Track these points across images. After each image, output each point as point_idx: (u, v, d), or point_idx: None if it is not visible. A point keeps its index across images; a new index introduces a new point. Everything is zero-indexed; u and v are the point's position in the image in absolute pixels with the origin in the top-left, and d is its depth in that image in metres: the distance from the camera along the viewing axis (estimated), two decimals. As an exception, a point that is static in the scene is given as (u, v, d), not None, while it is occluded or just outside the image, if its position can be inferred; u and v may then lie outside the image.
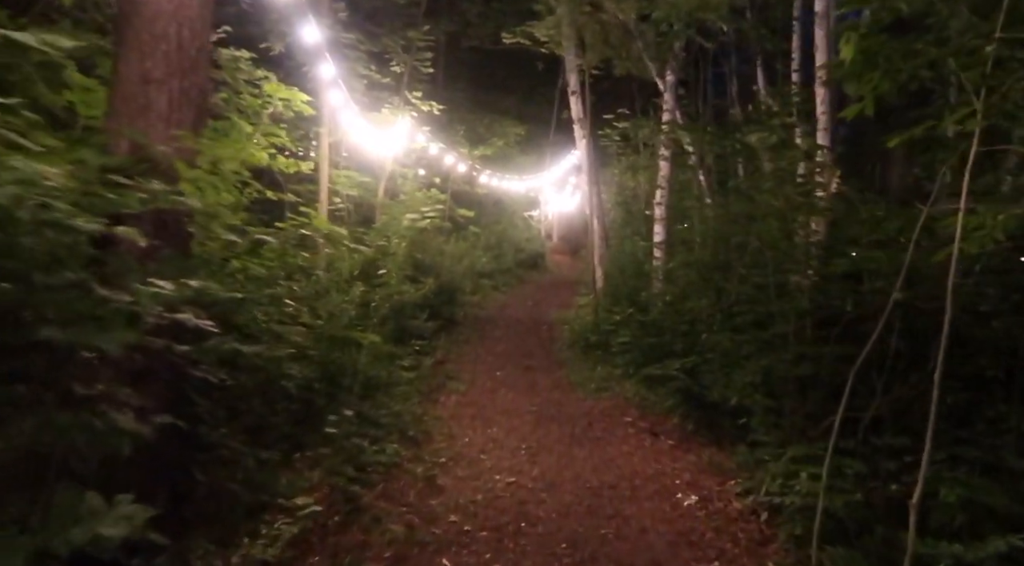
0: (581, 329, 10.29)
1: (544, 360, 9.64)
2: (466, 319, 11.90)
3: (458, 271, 12.81)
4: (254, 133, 6.17)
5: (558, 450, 5.99)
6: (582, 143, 13.21)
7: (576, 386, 8.25)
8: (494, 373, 8.81)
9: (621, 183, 17.52)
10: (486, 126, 16.45)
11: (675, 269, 8.83)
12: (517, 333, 11.52)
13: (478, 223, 16.41)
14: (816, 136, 6.33)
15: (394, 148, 10.45)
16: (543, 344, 10.69)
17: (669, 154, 11.40)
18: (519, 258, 18.76)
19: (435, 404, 7.16)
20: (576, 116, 13.20)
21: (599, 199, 13.10)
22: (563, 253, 27.97)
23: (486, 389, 8.04)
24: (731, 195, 7.06)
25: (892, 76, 2.99)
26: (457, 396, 7.62)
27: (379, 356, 5.81)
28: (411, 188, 10.21)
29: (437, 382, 8.00)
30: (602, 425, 6.76)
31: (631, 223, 15.18)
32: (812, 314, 4.96)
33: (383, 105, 10.55)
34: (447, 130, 14.80)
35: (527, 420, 6.85)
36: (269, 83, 5.76)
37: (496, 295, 15.18)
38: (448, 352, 9.53)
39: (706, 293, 7.20)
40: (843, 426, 4.87)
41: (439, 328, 10.14)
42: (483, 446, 6.02)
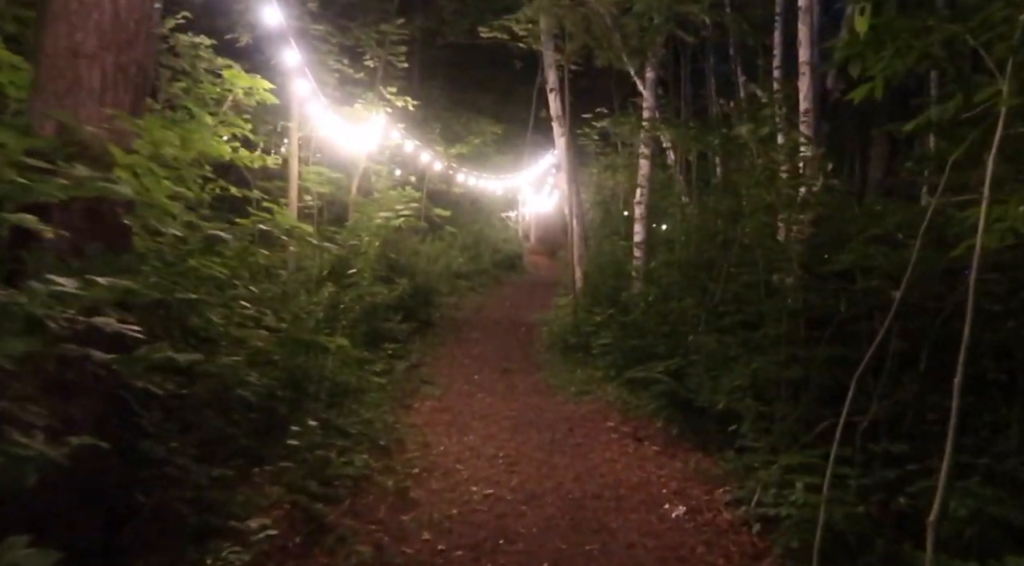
0: (560, 330, 9.98)
1: (523, 362, 9.32)
2: (442, 321, 11.54)
3: (434, 272, 12.46)
4: (215, 124, 5.78)
5: (538, 458, 5.66)
6: (561, 141, 12.92)
7: (556, 389, 7.94)
8: (471, 376, 8.47)
9: (600, 182, 17.29)
10: (463, 124, 16.09)
11: (656, 268, 8.57)
12: (495, 335, 11.19)
13: (455, 223, 16.05)
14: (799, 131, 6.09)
15: (368, 145, 10.08)
16: (521, 346, 10.37)
17: (649, 152, 11.17)
18: (496, 258, 18.43)
19: (409, 410, 6.80)
20: (555, 114, 12.92)
21: (578, 198, 12.80)
22: (541, 254, 27.68)
23: (463, 393, 7.70)
24: (715, 192, 6.79)
25: (904, 55, 2.71)
26: (432, 401, 7.27)
27: (348, 361, 5.45)
28: (385, 186, 9.84)
29: (411, 387, 7.64)
30: (583, 431, 6.45)
31: (610, 223, 14.96)
32: (804, 314, 4.70)
33: (356, 101, 10.17)
34: (423, 128, 14.43)
35: (505, 426, 6.52)
36: (230, 70, 5.36)
37: (473, 296, 14.83)
38: (423, 355, 9.18)
39: (690, 293, 6.93)
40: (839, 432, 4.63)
41: (414, 330, 9.79)
42: (459, 455, 5.68)
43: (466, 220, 17.83)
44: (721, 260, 6.66)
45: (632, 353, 7.49)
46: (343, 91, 10.50)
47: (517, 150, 21.58)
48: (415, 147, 11.54)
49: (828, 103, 8.84)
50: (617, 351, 7.79)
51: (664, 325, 7.31)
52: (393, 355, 7.96)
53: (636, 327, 7.87)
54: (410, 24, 13.13)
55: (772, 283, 4.93)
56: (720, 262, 6.66)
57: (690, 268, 7.00)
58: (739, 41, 12.10)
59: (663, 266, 8.19)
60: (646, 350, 7.32)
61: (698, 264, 6.99)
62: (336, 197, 10.38)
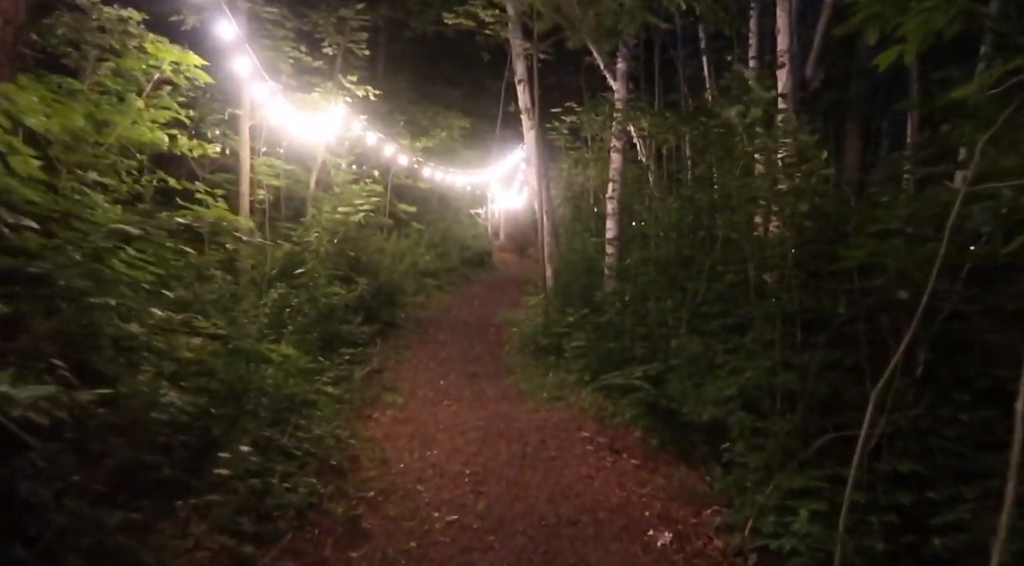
0: (531, 331, 9.44)
1: (491, 366, 8.76)
2: (408, 322, 10.92)
3: (399, 270, 11.84)
4: (146, 106, 5.12)
5: (508, 475, 5.12)
6: (530, 135, 12.36)
7: (526, 395, 7.39)
8: (437, 382, 7.89)
9: (570, 178, 16.78)
10: (429, 118, 15.44)
11: (631, 266, 8.06)
12: (463, 336, 10.61)
13: (422, 220, 15.42)
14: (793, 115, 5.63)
15: (326, 136, 9.42)
16: (490, 348, 9.80)
17: (621, 146, 10.69)
18: (465, 256, 17.83)
19: (367, 422, 6.20)
20: (523, 106, 12.35)
21: (548, 193, 12.27)
22: (511, 251, 27.13)
23: (427, 401, 7.12)
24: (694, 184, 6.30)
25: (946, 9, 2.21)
26: (394, 411, 6.68)
27: (294, 371, 4.84)
28: (344, 179, 9.19)
29: (371, 395, 7.03)
30: (557, 442, 5.91)
31: (581, 219, 14.45)
32: (799, 316, 4.21)
33: (315, 89, 9.50)
34: (387, 121, 13.78)
35: (472, 438, 5.96)
36: (155, 44, 4.70)
37: (441, 295, 14.22)
38: (386, 359, 8.56)
39: (669, 292, 6.44)
40: (838, 448, 4.15)
41: (377, 332, 9.16)
42: (420, 473, 5.11)
43: (434, 217, 17.20)
44: (702, 257, 6.18)
45: (607, 356, 6.98)
46: (301, 80, 9.83)
47: (486, 145, 20.97)
48: (378, 139, 10.89)
49: (807, 93, 8.42)
50: (591, 354, 7.27)
51: (641, 326, 6.81)
52: (352, 360, 7.35)
53: (611, 328, 7.36)
54: (374, 13, 12.48)
55: (762, 282, 4.43)
56: (701, 259, 6.18)
57: (668, 266, 6.50)
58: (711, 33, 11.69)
59: (638, 263, 7.69)
60: (622, 353, 6.82)
61: (677, 261, 6.49)
62: (294, 191, 9.72)
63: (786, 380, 4.22)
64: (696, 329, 5.78)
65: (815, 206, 4.19)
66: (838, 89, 12.28)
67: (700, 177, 6.32)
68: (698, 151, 7.60)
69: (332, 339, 7.26)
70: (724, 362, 4.85)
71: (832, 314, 4.20)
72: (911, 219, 3.51)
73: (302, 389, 5.02)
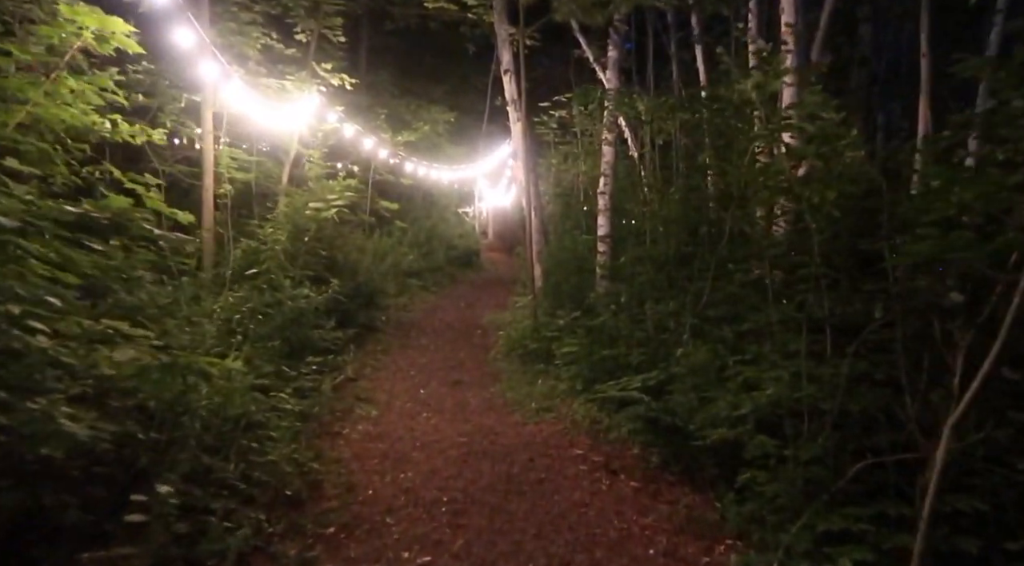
0: (519, 335, 8.78)
1: (476, 373, 8.11)
2: (388, 325, 10.25)
3: (380, 270, 11.16)
4: (77, 86, 4.43)
5: (491, 503, 4.47)
6: (516, 127, 11.68)
7: (513, 406, 6.75)
8: (416, 391, 7.23)
9: (559, 174, 16.16)
10: (412, 112, 14.74)
11: (624, 265, 7.42)
12: (447, 340, 9.95)
13: (406, 218, 14.74)
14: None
15: (298, 127, 8.74)
16: (476, 353, 9.15)
17: (613, 138, 10.08)
18: (451, 255, 17.16)
19: (334, 439, 5.54)
20: (510, 97, 11.68)
21: (536, 188, 11.62)
22: (499, 250, 26.52)
23: (405, 413, 6.46)
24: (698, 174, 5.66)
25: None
26: (367, 425, 6.01)
27: (240, 387, 4.17)
28: (317, 173, 8.51)
29: (343, 407, 6.37)
30: (547, 461, 5.27)
31: (571, 216, 13.82)
32: (828, 322, 3.59)
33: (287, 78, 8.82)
34: (368, 115, 13.09)
35: (453, 457, 5.30)
36: (71, 8, 4.00)
37: (425, 296, 13.55)
38: (362, 366, 7.89)
39: (669, 293, 5.80)
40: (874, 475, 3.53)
41: (353, 337, 8.50)
42: (391, 501, 4.45)
43: (418, 215, 16.53)
44: (706, 254, 5.55)
45: (601, 364, 6.34)
46: (273, 69, 9.15)
47: (472, 141, 20.31)
48: (356, 132, 10.21)
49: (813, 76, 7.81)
50: (584, 361, 6.62)
51: (639, 331, 6.17)
52: (321, 369, 6.66)
53: (605, 333, 6.71)
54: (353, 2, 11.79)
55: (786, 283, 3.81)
56: (705, 257, 5.55)
57: (667, 264, 5.87)
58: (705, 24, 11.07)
59: (633, 262, 7.05)
60: (618, 361, 6.18)
61: (677, 259, 5.86)
62: (265, 186, 9.03)
63: (811, 396, 3.60)
64: (701, 334, 5.15)
65: (846, 193, 3.56)
66: (837, 79, 11.70)
67: (702, 166, 5.68)
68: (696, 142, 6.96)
69: (300, 346, 6.58)
70: (735, 373, 4.22)
71: (865, 319, 3.58)
72: (967, 207, 2.88)
73: (256, 406, 4.34)
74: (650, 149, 6.85)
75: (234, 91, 7.26)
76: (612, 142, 10.00)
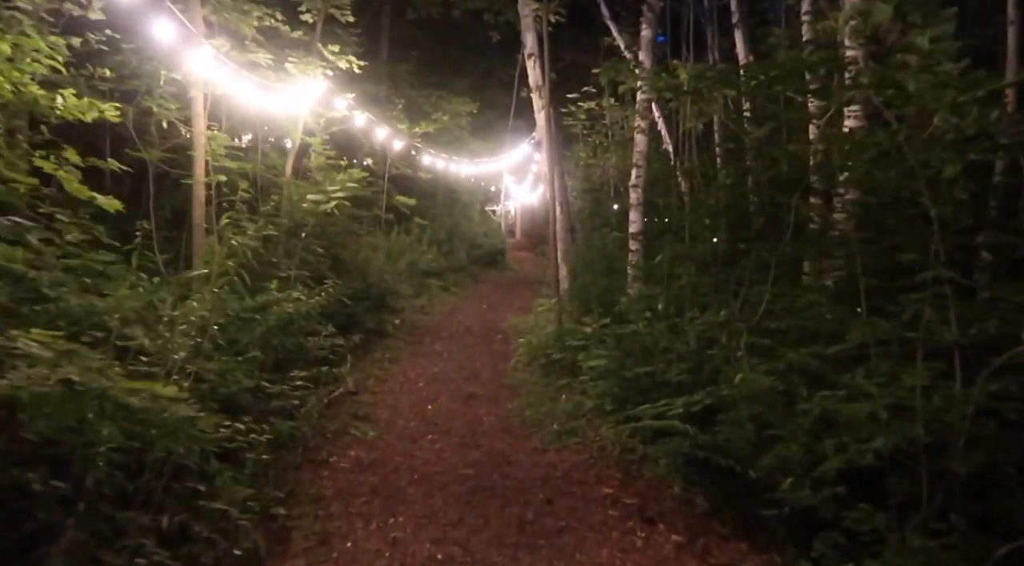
0: (541, 342, 7.81)
1: (493, 385, 7.16)
2: (401, 329, 9.35)
3: (394, 270, 10.28)
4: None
5: (497, 564, 3.52)
6: (541, 116, 10.68)
7: (532, 427, 5.79)
8: (423, 407, 6.31)
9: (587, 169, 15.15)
10: (432, 103, 13.83)
11: (660, 265, 6.40)
12: (463, 346, 9.02)
13: (425, 214, 13.86)
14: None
15: (301, 113, 7.88)
16: (494, 361, 8.20)
17: (646, 126, 9.08)
18: (475, 255, 16.26)
19: (319, 470, 4.63)
20: (534, 84, 10.72)
21: (561, 182, 10.63)
22: (527, 249, 25.67)
23: (407, 435, 5.54)
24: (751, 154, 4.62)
25: None
26: (360, 449, 5.10)
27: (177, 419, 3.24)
28: (319, 163, 7.64)
29: (336, 427, 5.48)
30: (568, 502, 4.31)
31: (600, 213, 12.83)
32: (960, 345, 2.56)
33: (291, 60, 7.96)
34: (385, 105, 12.21)
35: (456, 495, 4.36)
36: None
37: (445, 297, 12.66)
38: (365, 377, 7.00)
39: (717, 300, 4.79)
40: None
41: (359, 344, 7.62)
42: (372, 560, 3.52)
43: (440, 212, 15.63)
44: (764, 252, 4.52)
45: (635, 381, 5.35)
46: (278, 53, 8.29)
47: (498, 136, 19.34)
48: (368, 121, 9.32)
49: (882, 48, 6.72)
50: (613, 376, 5.64)
51: (679, 343, 5.17)
52: (315, 381, 5.76)
53: (639, 344, 5.72)
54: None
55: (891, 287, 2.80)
56: (763, 255, 4.52)
57: (713, 264, 4.86)
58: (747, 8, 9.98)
59: (671, 261, 6.03)
60: (654, 378, 5.18)
61: (727, 258, 4.84)
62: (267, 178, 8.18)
63: (931, 446, 2.59)
64: (759, 352, 4.14)
65: (977, 167, 2.54)
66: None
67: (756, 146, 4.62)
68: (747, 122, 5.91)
69: (289, 356, 5.69)
70: (814, 407, 3.21)
71: (1006, 342, 2.55)
72: None
73: (206, 438, 3.45)
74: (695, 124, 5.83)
75: (225, 73, 6.42)
76: (645, 130, 9.01)
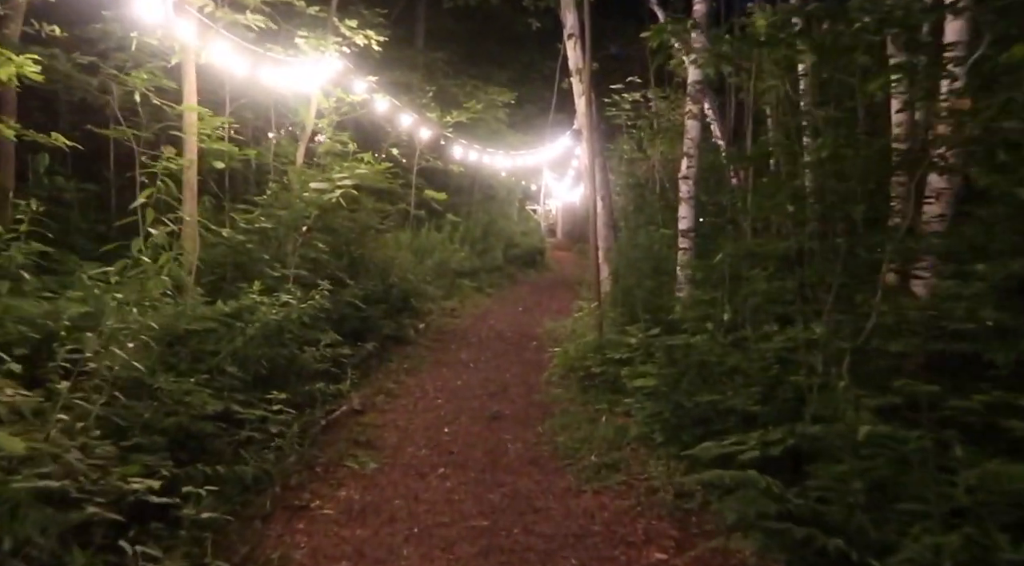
0: (579, 353, 6.73)
1: (522, 402, 6.13)
2: (424, 334, 8.39)
3: (420, 270, 9.33)
4: None
5: None
6: (581, 101, 9.61)
7: (566, 458, 4.74)
8: (439, 430, 5.31)
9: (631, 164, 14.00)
10: (468, 93, 12.83)
11: (719, 264, 5.25)
12: (493, 354, 8.01)
13: (459, 211, 12.89)
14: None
15: (315, 94, 6.98)
16: (525, 373, 7.17)
17: (699, 110, 7.96)
18: (512, 254, 15.23)
19: (294, 520, 3.66)
20: (574, 66, 9.66)
21: (604, 174, 9.54)
22: (566, 249, 24.56)
23: (414, 467, 4.54)
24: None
25: None
26: (354, 488, 4.13)
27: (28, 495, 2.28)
28: (328, 147, 6.72)
29: (329, 457, 4.52)
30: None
31: (645, 209, 11.68)
32: None
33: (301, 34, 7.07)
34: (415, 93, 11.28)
35: (463, 559, 3.35)
36: None
37: (478, 299, 11.66)
38: (376, 392, 6.04)
39: (803, 310, 3.66)
40: None
41: (372, 353, 6.67)
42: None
43: (475, 209, 14.65)
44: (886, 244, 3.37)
45: (693, 409, 4.26)
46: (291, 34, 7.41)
47: (538, 131, 18.26)
48: (391, 106, 8.39)
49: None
50: (665, 401, 4.56)
51: (747, 362, 4.05)
52: (287, 408, 4.72)
53: (695, 362, 4.61)
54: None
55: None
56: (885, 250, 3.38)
57: (799, 265, 3.73)
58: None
59: (734, 260, 4.89)
60: (717, 405, 4.08)
61: (815, 257, 3.70)
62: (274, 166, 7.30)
63: None
64: (868, 380, 3.01)
65: None
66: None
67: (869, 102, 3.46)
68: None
69: (278, 371, 4.75)
70: (970, 475, 2.09)
71: None
72: None
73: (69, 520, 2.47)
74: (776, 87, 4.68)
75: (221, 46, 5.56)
76: (697, 115, 7.90)
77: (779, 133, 3.93)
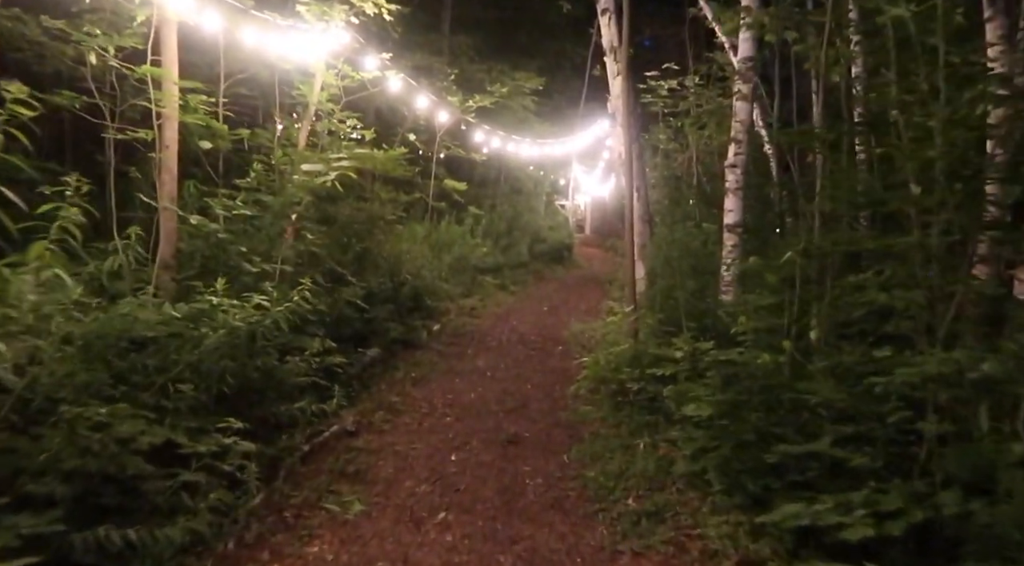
0: (611, 364, 5.72)
1: (545, 422, 5.17)
2: (438, 337, 7.46)
3: (437, 266, 8.42)
4: None
5: None
6: (615, 82, 8.59)
7: (596, 501, 3.78)
8: (445, 457, 4.39)
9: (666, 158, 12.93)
10: (493, 78, 11.86)
11: (786, 265, 4.22)
12: (513, 361, 7.06)
13: (482, 203, 11.95)
14: None
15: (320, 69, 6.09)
16: (549, 384, 6.21)
17: (749, 91, 6.91)
18: (539, 250, 14.26)
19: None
20: (608, 44, 8.64)
21: (640, 163, 8.53)
22: (596, 246, 23.49)
23: (407, 511, 3.61)
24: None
25: None
26: (328, 542, 3.22)
27: None
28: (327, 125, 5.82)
29: (305, 495, 3.62)
30: None
31: (683, 204, 10.63)
32: None
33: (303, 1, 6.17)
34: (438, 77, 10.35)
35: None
36: None
37: (500, 297, 10.72)
38: (374, 408, 5.12)
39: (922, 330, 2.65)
40: None
41: (374, 361, 5.78)
42: None
43: (501, 201, 13.69)
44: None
45: (763, 444, 3.26)
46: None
47: (568, 121, 17.20)
48: (406, 86, 7.47)
49: None
50: (724, 436, 3.56)
51: (841, 393, 3.04)
52: (254, 435, 3.86)
53: (758, 385, 3.61)
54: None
55: None
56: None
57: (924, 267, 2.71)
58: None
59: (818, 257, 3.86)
60: (793, 447, 3.08)
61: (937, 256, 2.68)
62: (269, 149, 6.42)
63: None
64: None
65: None
66: None
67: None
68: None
69: (250, 387, 3.85)
70: None
71: None
72: None
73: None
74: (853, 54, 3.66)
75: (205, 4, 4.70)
76: (748, 97, 6.87)
77: (899, 89, 2.88)
